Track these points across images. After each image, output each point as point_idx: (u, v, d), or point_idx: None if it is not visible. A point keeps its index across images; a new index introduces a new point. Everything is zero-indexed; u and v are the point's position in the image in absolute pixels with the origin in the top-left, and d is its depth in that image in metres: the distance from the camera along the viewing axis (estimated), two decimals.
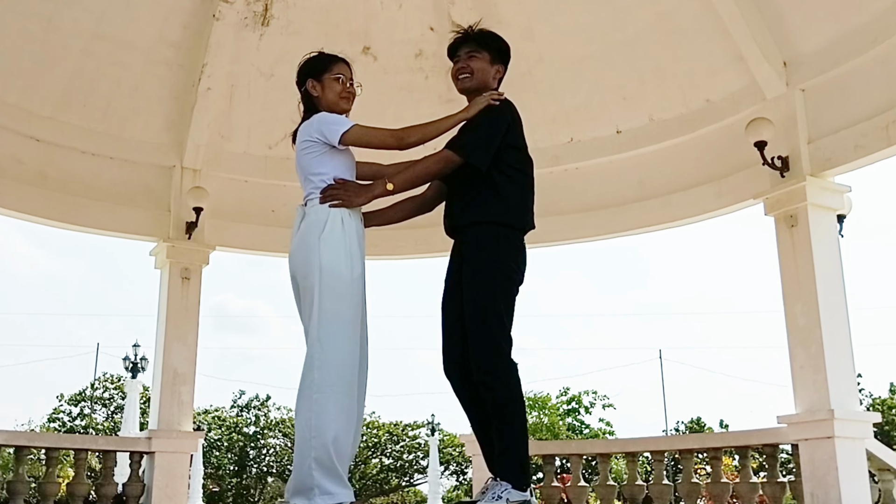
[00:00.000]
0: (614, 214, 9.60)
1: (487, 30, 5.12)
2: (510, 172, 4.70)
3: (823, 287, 7.72)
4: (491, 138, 4.64)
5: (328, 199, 4.56)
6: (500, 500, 4.37)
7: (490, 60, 4.94)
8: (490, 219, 4.62)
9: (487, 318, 4.50)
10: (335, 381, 4.38)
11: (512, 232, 4.67)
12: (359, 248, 4.63)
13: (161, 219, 9.65)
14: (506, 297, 4.58)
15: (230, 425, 36.77)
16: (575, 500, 9.16)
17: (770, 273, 8.34)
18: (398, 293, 64.80)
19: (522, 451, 4.55)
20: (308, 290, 4.51)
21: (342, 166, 4.68)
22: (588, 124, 9.69)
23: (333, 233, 4.51)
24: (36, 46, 8.84)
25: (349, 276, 4.52)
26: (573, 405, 37.72)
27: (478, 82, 4.88)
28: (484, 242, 4.60)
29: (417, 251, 10.14)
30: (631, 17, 9.06)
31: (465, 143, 4.66)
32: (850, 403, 7.65)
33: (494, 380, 4.47)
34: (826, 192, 7.99)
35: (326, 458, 4.32)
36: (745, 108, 8.49)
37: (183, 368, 9.39)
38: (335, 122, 4.61)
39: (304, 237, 4.57)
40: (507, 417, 4.51)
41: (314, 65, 4.88)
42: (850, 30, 7.78)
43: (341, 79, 4.81)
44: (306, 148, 4.66)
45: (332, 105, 4.77)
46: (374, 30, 9.74)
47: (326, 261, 4.46)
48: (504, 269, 4.59)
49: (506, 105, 4.78)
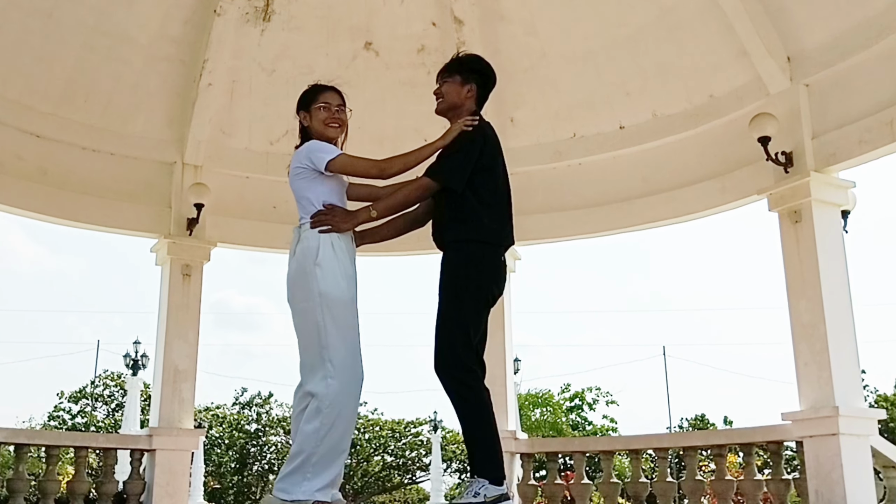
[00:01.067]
0: (617, 210, 9.58)
1: (467, 54, 5.50)
2: (484, 193, 4.99)
3: (828, 283, 7.69)
4: (464, 162, 4.95)
5: (317, 225, 4.91)
6: (479, 497, 4.65)
7: (461, 82, 5.23)
8: (466, 237, 4.94)
9: (450, 326, 4.82)
10: (345, 400, 4.78)
11: (489, 248, 4.97)
12: (352, 269, 4.99)
13: (162, 215, 9.63)
14: (474, 312, 4.90)
15: (231, 422, 36.74)
16: (578, 497, 9.13)
17: (774, 269, 8.30)
18: (400, 289, 64.86)
19: (492, 447, 4.80)
20: (308, 313, 4.83)
21: (331, 191, 5.02)
22: (591, 120, 9.66)
23: (327, 258, 4.84)
24: (36, 42, 8.81)
25: (348, 297, 4.89)
26: (576, 402, 37.68)
27: (447, 104, 5.23)
28: (457, 260, 4.94)
29: (420, 247, 9.97)
30: (634, 13, 9.03)
31: (440, 169, 5.02)
32: (855, 400, 7.62)
33: (454, 383, 4.79)
34: (830, 188, 7.96)
35: (327, 466, 4.74)
36: (749, 104, 8.45)
37: (184, 365, 9.37)
38: (322, 151, 4.96)
39: (299, 263, 4.90)
40: (470, 418, 4.80)
41: (304, 97, 5.23)
42: (854, 25, 7.74)
43: (324, 106, 5.14)
44: (298, 173, 5.01)
45: (319, 133, 5.11)
46: (376, 25, 9.72)
47: (324, 286, 4.80)
48: (477, 284, 4.90)
49: (478, 130, 5.07)
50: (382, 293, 55.26)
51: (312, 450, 4.68)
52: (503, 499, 4.69)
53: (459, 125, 5.04)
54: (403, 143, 8.73)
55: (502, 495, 4.68)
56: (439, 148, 5.04)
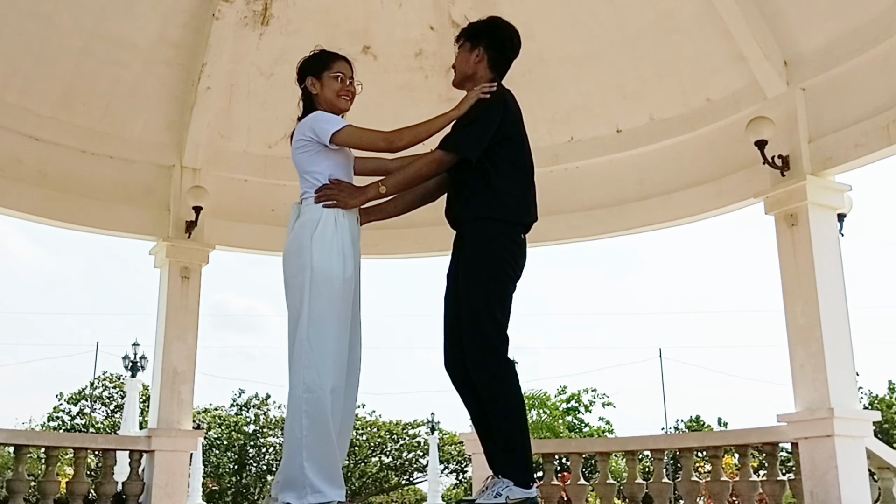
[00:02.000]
0: (614, 213, 9.60)
1: (478, 20, 5.09)
2: (505, 166, 4.69)
3: (823, 286, 7.72)
4: (482, 131, 4.62)
5: (322, 200, 4.58)
6: (500, 498, 4.33)
7: (469, 48, 4.90)
8: (486, 214, 4.61)
9: (480, 318, 4.50)
10: (324, 382, 4.39)
11: (510, 227, 4.66)
12: (352, 249, 4.63)
13: (161, 218, 9.66)
14: (500, 296, 4.57)
15: (230, 424, 36.73)
16: (575, 498, 9.16)
17: (770, 272, 8.33)
18: (398, 292, 64.84)
19: (523, 447, 4.48)
20: (297, 289, 4.51)
21: (337, 165, 4.70)
22: (588, 123, 9.68)
23: (325, 232, 4.52)
24: (35, 46, 8.84)
25: (341, 277, 4.53)
26: (573, 403, 37.67)
27: (460, 74, 4.94)
28: (479, 239, 4.61)
29: (417, 250, 10.14)
30: (631, 16, 9.06)
31: (455, 139, 4.68)
32: (850, 402, 7.65)
33: (490, 378, 4.47)
34: (826, 191, 7.99)
35: (318, 457, 4.35)
36: (746, 107, 8.48)
37: (182, 367, 9.39)
38: (327, 122, 4.62)
39: (296, 236, 4.58)
40: (505, 414, 4.47)
41: (314, 62, 4.87)
42: (850, 29, 7.78)
43: (340, 77, 4.81)
44: (301, 146, 4.67)
45: (330, 103, 4.77)
46: (374, 29, 9.74)
47: (318, 260, 4.47)
48: (498, 267, 4.58)
49: (497, 96, 4.75)
50: (379, 296, 55.24)
51: (301, 442, 4.33)
52: (529, 503, 4.35)
53: (476, 93, 4.70)
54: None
55: (528, 499, 4.35)
56: (454, 118, 4.70)
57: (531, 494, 4.38)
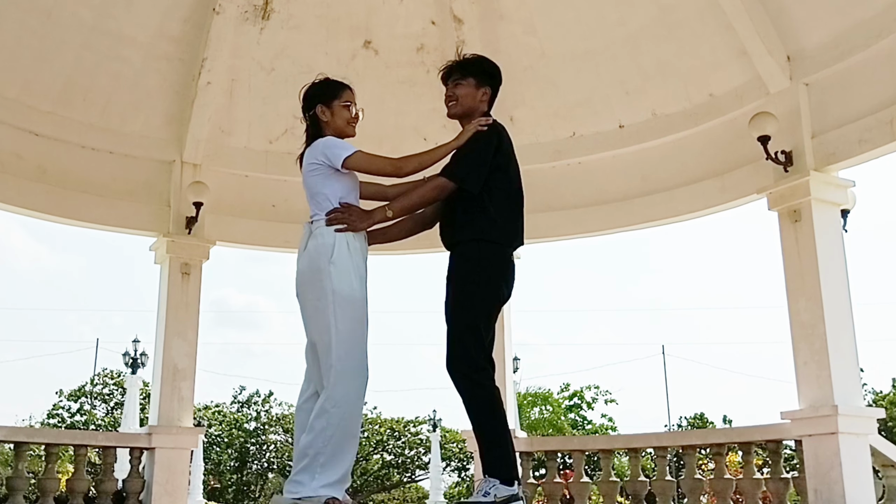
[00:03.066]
0: (617, 209, 9.57)
1: (474, 55, 5.41)
2: (497, 194, 4.98)
3: (827, 282, 7.69)
4: (480, 164, 4.94)
5: (333, 223, 4.83)
6: (489, 497, 4.61)
7: (476, 85, 5.20)
8: (477, 236, 4.91)
9: (464, 330, 4.80)
10: (353, 399, 4.75)
11: (499, 248, 4.95)
12: (364, 269, 4.93)
13: (161, 214, 9.63)
14: (486, 312, 4.88)
15: (231, 421, 36.78)
16: (577, 496, 9.14)
17: (774, 268, 8.30)
18: (400, 288, 64.80)
19: (504, 447, 4.76)
20: (321, 313, 4.77)
21: (345, 188, 4.94)
22: (590, 119, 9.65)
23: (342, 256, 4.78)
24: (35, 41, 8.81)
25: (361, 297, 4.83)
26: (576, 401, 37.70)
27: (463, 108, 5.19)
28: (469, 259, 4.91)
29: (419, 246, 9.99)
30: (633, 11, 9.02)
31: (457, 170, 4.95)
32: (854, 399, 7.62)
33: (467, 383, 4.75)
34: (830, 187, 7.96)
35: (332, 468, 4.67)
36: (749, 103, 8.45)
37: (183, 364, 9.36)
38: (339, 147, 4.87)
39: (313, 260, 4.82)
40: (483, 418, 4.77)
41: (323, 90, 5.10)
42: (854, 24, 7.74)
43: (350, 106, 5.06)
44: (313, 170, 4.91)
45: (340, 130, 5.03)
46: (376, 24, 9.71)
47: (338, 285, 4.73)
48: (489, 285, 4.89)
49: (493, 130, 5.05)
50: (382, 292, 55.21)
51: (320, 449, 4.64)
52: (514, 499, 4.64)
53: (474, 126, 5.01)
54: (402, 142, 8.79)
55: (513, 496, 4.63)
56: (454, 149, 5.00)
57: (514, 491, 4.66)
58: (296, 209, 9.61)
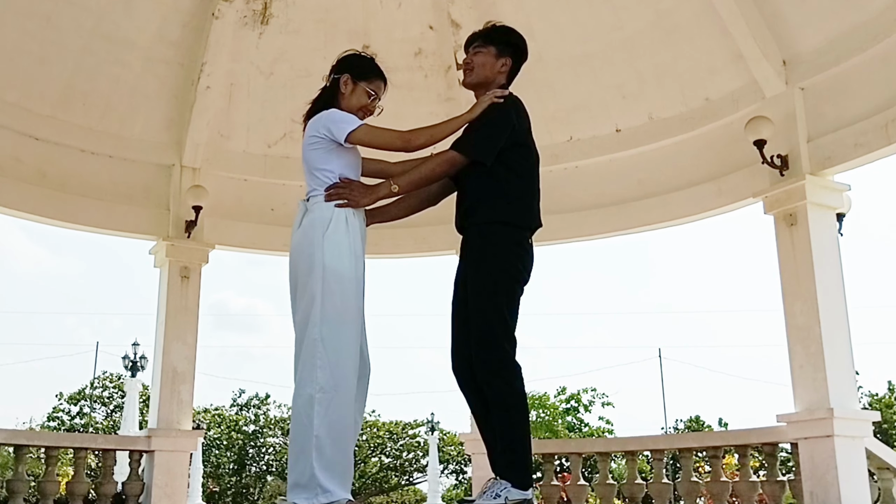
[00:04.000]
0: (614, 213, 9.59)
1: (501, 25, 5.08)
2: (516, 171, 4.70)
3: (823, 286, 7.72)
4: (495, 136, 4.63)
5: (333, 198, 4.54)
6: (499, 499, 4.35)
7: (496, 54, 4.92)
8: (495, 218, 4.60)
9: (490, 319, 4.49)
10: (338, 382, 4.36)
11: (517, 231, 4.65)
12: (361, 249, 4.61)
13: (160, 217, 9.65)
14: (509, 298, 4.57)
15: (230, 424, 36.75)
16: (574, 498, 9.16)
17: (769, 272, 8.34)
18: (398, 292, 64.83)
19: (524, 450, 4.49)
20: (309, 288, 4.44)
21: (348, 164, 4.65)
22: (587, 123, 9.68)
23: (338, 232, 4.48)
24: (35, 45, 8.83)
25: (352, 276, 4.50)
26: (572, 403, 37.67)
27: (478, 77, 4.90)
28: (488, 242, 4.59)
29: (417, 250, 10.13)
30: (630, 16, 9.05)
31: (469, 141, 4.67)
32: (850, 402, 7.64)
33: (497, 380, 4.47)
34: (825, 191, 7.99)
35: (329, 458, 4.33)
36: (745, 107, 8.48)
37: (182, 367, 9.39)
38: (343, 121, 4.57)
39: (307, 234, 4.52)
40: (509, 417, 4.48)
41: (360, 64, 4.82)
42: (849, 28, 7.78)
43: (373, 94, 4.76)
44: (313, 143, 4.61)
45: (350, 109, 4.70)
46: (374, 28, 9.73)
47: (330, 259, 4.42)
48: (507, 269, 4.58)
49: (510, 102, 4.77)
50: (379, 295, 55.26)
51: (315, 444, 4.29)
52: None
53: (489, 97, 4.72)
54: None
55: (526, 500, 4.38)
56: (467, 121, 4.69)
57: (528, 496, 4.41)
58: (294, 213, 9.63)
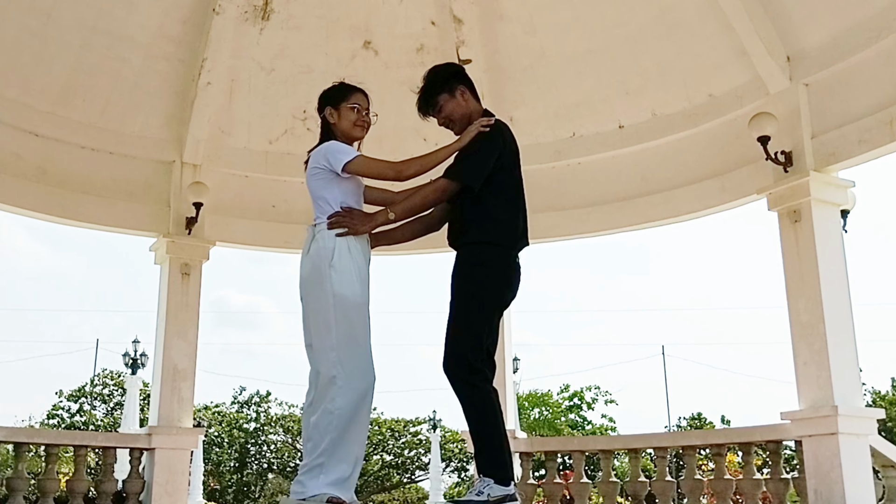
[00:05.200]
0: (617, 209, 9.56)
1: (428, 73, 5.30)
2: (501, 194, 4.96)
3: (827, 283, 7.69)
4: (482, 162, 4.90)
5: (334, 227, 4.84)
6: (482, 496, 4.62)
7: (450, 94, 5.15)
8: (481, 238, 4.88)
9: (460, 330, 4.78)
10: (356, 401, 4.73)
11: (503, 250, 4.93)
12: (366, 272, 4.94)
13: (161, 214, 9.62)
14: (484, 315, 4.85)
15: (230, 421, 36.77)
16: (577, 496, 9.14)
17: (773, 269, 8.30)
18: (400, 289, 64.80)
19: (498, 447, 4.77)
20: (321, 314, 4.80)
21: (348, 192, 4.97)
22: (590, 119, 9.65)
23: (342, 260, 4.81)
24: (35, 41, 8.80)
25: (362, 301, 4.85)
26: (575, 401, 37.70)
27: (459, 118, 5.15)
28: (472, 261, 4.88)
29: (420, 246, 9.93)
30: (633, 12, 9.03)
31: (459, 169, 4.95)
32: (854, 400, 7.62)
33: (461, 384, 4.74)
34: (830, 188, 7.96)
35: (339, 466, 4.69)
36: (749, 103, 8.45)
37: (183, 364, 9.36)
38: (340, 152, 4.90)
39: (315, 264, 4.84)
40: (477, 418, 4.77)
41: (333, 94, 5.15)
42: (853, 24, 7.74)
43: (357, 108, 5.08)
44: (315, 174, 4.95)
45: (345, 132, 5.06)
46: (375, 24, 9.71)
47: (339, 288, 4.76)
48: (489, 287, 4.86)
49: (496, 130, 5.02)
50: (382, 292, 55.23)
51: (323, 450, 4.65)
52: (509, 499, 4.65)
53: (476, 126, 4.98)
54: (402, 143, 8.78)
55: (508, 496, 4.64)
56: (456, 150, 4.99)
57: (510, 491, 4.68)
58: (296, 209, 9.61)
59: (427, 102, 5.20)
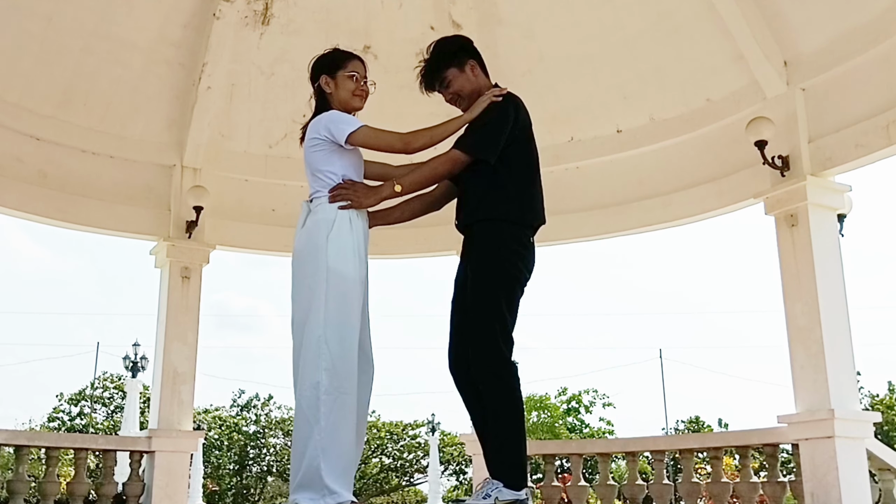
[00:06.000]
0: (615, 214, 9.59)
1: (435, 45, 4.99)
2: (515, 169, 4.67)
3: (823, 286, 7.71)
4: (496, 133, 4.62)
5: (337, 200, 4.52)
6: (489, 499, 4.32)
7: (460, 68, 4.87)
8: (497, 216, 4.58)
9: (488, 319, 4.47)
10: (341, 383, 4.34)
11: (519, 229, 4.62)
12: (365, 250, 4.60)
13: (161, 218, 9.64)
14: (508, 297, 4.54)
15: (230, 425, 36.77)
16: (575, 499, 9.15)
17: (770, 272, 8.33)
18: (398, 292, 64.82)
19: (517, 450, 4.47)
20: (312, 289, 4.44)
21: (350, 165, 4.65)
22: (588, 123, 9.67)
23: (341, 233, 4.48)
24: (36, 45, 8.83)
25: (356, 278, 4.49)
26: (573, 404, 37.69)
27: (470, 92, 4.86)
28: (489, 241, 4.57)
29: (418, 250, 10.12)
30: (631, 17, 9.05)
31: (471, 141, 4.65)
32: (851, 403, 7.64)
33: (493, 378, 4.45)
34: (826, 192, 7.98)
35: (333, 459, 4.30)
36: (746, 108, 8.47)
37: (183, 368, 9.38)
38: (343, 122, 4.56)
39: (311, 235, 4.52)
40: (502, 416, 4.46)
41: (329, 61, 4.82)
42: (850, 29, 7.77)
43: (355, 76, 4.74)
44: (315, 145, 4.60)
45: (344, 102, 4.72)
46: (375, 28, 9.73)
47: (334, 261, 4.42)
48: (508, 269, 4.55)
49: (509, 100, 4.76)
50: (381, 296, 55.25)
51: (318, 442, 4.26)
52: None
53: (488, 97, 4.70)
54: None
55: (518, 501, 4.33)
56: (468, 121, 4.67)
57: (521, 497, 4.37)
58: (296, 213, 9.55)
59: (434, 77, 4.88)
